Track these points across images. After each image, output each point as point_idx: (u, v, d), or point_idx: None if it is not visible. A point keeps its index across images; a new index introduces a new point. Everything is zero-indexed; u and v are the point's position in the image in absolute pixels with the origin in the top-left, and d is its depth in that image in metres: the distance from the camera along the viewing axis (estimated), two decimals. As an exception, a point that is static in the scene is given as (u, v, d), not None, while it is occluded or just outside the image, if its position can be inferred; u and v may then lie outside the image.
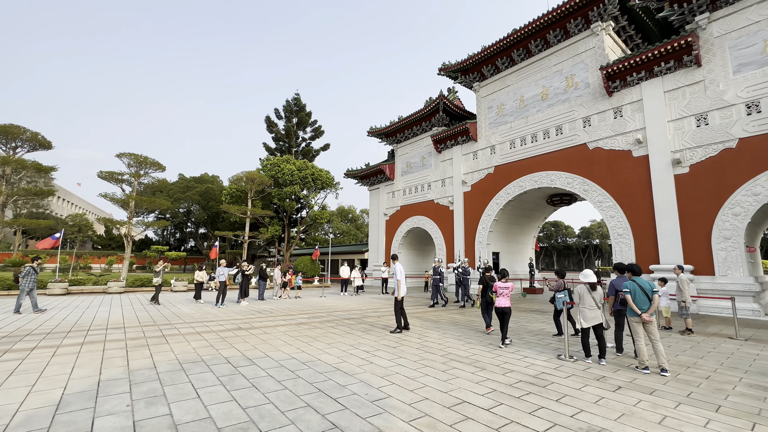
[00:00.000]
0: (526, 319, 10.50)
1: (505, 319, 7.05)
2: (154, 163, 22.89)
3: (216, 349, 6.34)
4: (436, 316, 11.10)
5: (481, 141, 22.10)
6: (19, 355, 5.78)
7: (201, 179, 42.74)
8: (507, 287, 7.16)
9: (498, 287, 7.16)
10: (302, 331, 8.25)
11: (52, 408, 3.74)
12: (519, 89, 20.44)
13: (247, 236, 26.55)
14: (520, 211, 22.09)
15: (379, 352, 6.36)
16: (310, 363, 5.61)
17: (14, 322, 8.97)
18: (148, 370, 5.08)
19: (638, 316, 5.46)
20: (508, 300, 7.11)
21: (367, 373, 5.16)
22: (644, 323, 5.53)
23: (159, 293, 13.70)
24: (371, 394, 4.33)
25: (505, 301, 7.10)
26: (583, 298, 5.79)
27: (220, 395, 4.18)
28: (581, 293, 5.81)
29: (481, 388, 4.59)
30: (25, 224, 19.14)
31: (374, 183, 30.93)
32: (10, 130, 18.64)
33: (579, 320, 5.85)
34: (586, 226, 72.12)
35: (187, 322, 9.21)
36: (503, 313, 7.05)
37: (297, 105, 37.77)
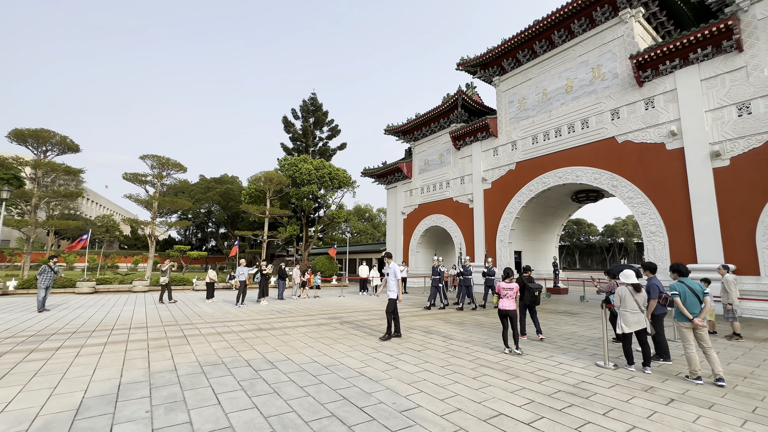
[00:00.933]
0: (555, 321, 10.00)
1: (512, 323, 6.46)
2: (175, 164, 23.31)
3: (237, 351, 6.21)
4: (459, 317, 10.73)
5: (502, 137, 21.48)
6: (44, 354, 5.79)
7: (221, 180, 43.52)
8: (511, 288, 6.54)
9: (501, 288, 6.56)
10: (323, 332, 8.05)
11: (71, 413, 3.63)
12: (541, 82, 19.72)
13: (266, 236, 26.74)
14: (544, 209, 21.35)
15: (403, 356, 6.08)
16: (332, 367, 5.38)
17: (43, 320, 9.15)
18: (168, 373, 4.96)
19: (690, 321, 4.98)
20: (512, 302, 6.46)
21: (393, 379, 4.89)
22: (695, 329, 5.04)
23: (171, 291, 13.88)
24: (399, 403, 4.05)
25: (509, 303, 6.45)
26: (624, 300, 5.33)
27: (241, 402, 3.99)
28: (623, 295, 5.35)
29: (517, 399, 4.24)
30: (57, 225, 19.81)
31: (391, 182, 30.64)
32: (41, 134, 19.29)
33: (620, 324, 5.39)
34: (610, 224, 69.65)
35: (208, 322, 9.18)
36: (506, 316, 6.45)
37: (313, 105, 37.87)
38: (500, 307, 6.48)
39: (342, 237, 51.82)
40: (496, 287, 6.60)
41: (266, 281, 14.67)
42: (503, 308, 6.45)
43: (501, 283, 6.61)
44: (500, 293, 6.54)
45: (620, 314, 5.38)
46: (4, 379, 4.59)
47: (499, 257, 20.82)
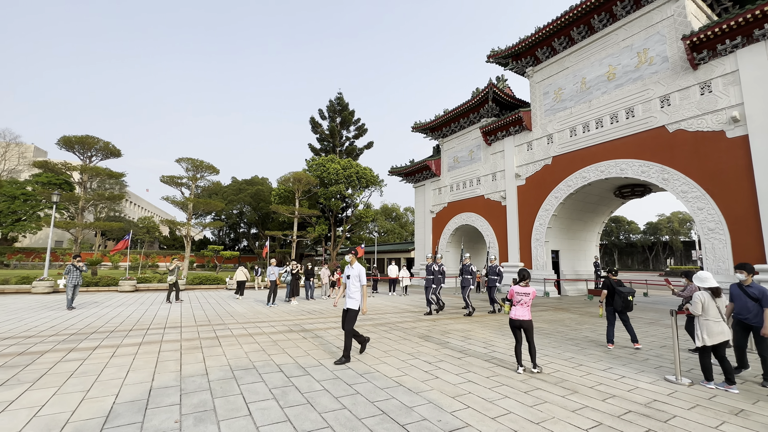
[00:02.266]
0: (605, 328, 9.14)
1: (528, 336, 5.31)
2: (209, 166, 23.95)
3: (268, 355, 5.99)
4: (497, 321, 10.10)
5: (536, 130, 20.42)
6: (82, 354, 5.82)
7: (252, 181, 44.62)
8: (527, 293, 5.32)
9: (514, 293, 5.37)
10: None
11: (100, 420, 3.48)
12: (580, 71, 18.53)
13: (296, 236, 26.98)
14: (583, 205, 20.09)
15: (442, 364, 5.63)
16: (367, 375, 5.02)
17: (85, 318, 9.43)
18: (199, 377, 4.79)
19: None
20: (527, 310, 5.30)
21: (435, 390, 4.46)
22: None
23: (179, 291, 13.78)
24: (445, 420, 3.62)
25: (523, 311, 5.28)
26: (707, 308, 4.58)
27: (273, 413, 3.71)
28: (705, 302, 4.60)
29: (581, 420, 3.69)
30: (101, 226, 20.90)
31: (419, 180, 30.09)
32: (86, 141, 20.35)
33: (700, 336, 4.66)
34: (653, 221, 65.27)
35: (239, 322, 9.12)
36: (520, 327, 5.32)
37: (340, 104, 37.95)
38: (513, 317, 5.35)
39: (369, 237, 51.78)
40: (509, 291, 5.43)
41: (297, 281, 14.61)
42: (516, 318, 5.31)
43: (515, 287, 5.42)
44: (512, 299, 5.41)
45: (701, 324, 4.64)
46: (41, 380, 4.57)
47: (535, 257, 19.81)
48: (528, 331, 5.29)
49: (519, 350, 5.35)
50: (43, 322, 8.79)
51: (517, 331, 5.38)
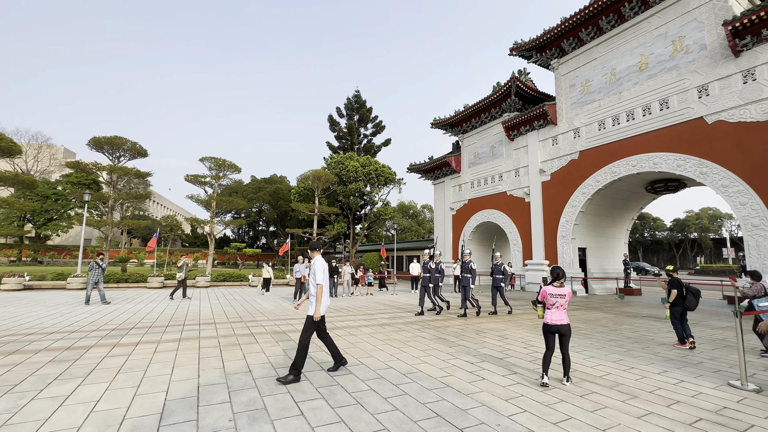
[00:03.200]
0: (646, 328, 8.77)
1: (563, 343, 4.64)
2: (231, 165, 24.29)
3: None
4: (531, 320, 9.82)
5: (562, 124, 19.83)
6: (125, 350, 5.91)
7: (270, 180, 45.16)
8: (563, 294, 4.65)
9: (548, 295, 4.70)
10: (388, 333, 7.63)
11: (156, 417, 3.47)
12: (609, 61, 17.86)
13: (315, 233, 27.12)
14: (612, 201, 19.42)
15: (485, 365, 5.45)
16: (411, 375, 4.90)
17: (122, 314, 9.66)
18: (243, 375, 4.77)
19: None
20: (564, 313, 4.66)
21: (485, 392, 4.30)
22: None
23: (186, 288, 13.85)
24: (505, 425, 3.46)
25: (560, 315, 4.63)
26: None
27: (325, 414, 3.63)
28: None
29: (650, 427, 3.46)
30: (129, 224, 21.51)
31: (439, 177, 29.76)
32: (115, 141, 20.93)
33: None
34: (681, 218, 62.79)
35: (270, 319, 9.16)
36: (556, 333, 4.64)
37: (357, 102, 37.90)
38: (548, 322, 4.66)
39: (386, 234, 51.71)
40: (540, 294, 4.82)
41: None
42: (553, 323, 4.62)
43: (548, 287, 4.76)
44: (546, 302, 4.76)
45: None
46: (92, 375, 4.64)
47: (561, 254, 19.28)
48: (565, 337, 4.62)
49: (549, 358, 4.68)
50: (83, 317, 9.04)
51: (551, 337, 4.68)
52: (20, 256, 40.33)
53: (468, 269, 10.63)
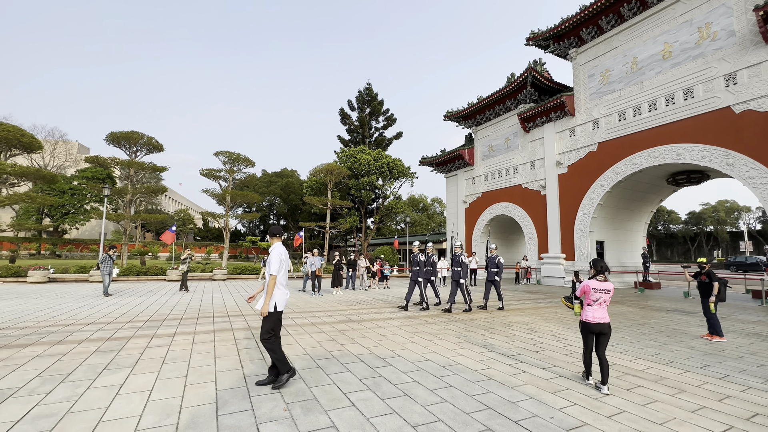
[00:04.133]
0: (675, 322, 8.65)
1: (602, 343, 4.23)
2: (245, 159, 24.41)
3: (340, 344, 5.99)
4: (555, 313, 9.75)
5: (580, 115, 19.47)
6: (164, 341, 6.02)
7: (281, 174, 45.34)
8: (607, 290, 4.25)
9: (590, 289, 4.27)
10: (416, 326, 7.65)
11: (212, 406, 3.53)
12: (630, 50, 17.42)
13: (328, 227, 27.23)
14: (631, 194, 19.10)
15: (522, 357, 5.43)
16: (450, 367, 4.91)
17: (151, 306, 9.84)
18: (285, 366, 4.82)
19: None
20: (605, 311, 4.29)
21: (529, 385, 4.28)
22: None
23: (186, 280, 14.02)
24: (559, 418, 3.44)
25: (602, 313, 4.25)
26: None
27: (375, 405, 3.65)
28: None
29: (707, 422, 3.42)
30: (147, 218, 21.84)
31: (451, 170, 29.55)
32: (132, 136, 21.15)
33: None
34: (696, 211, 61.55)
35: (296, 312, 9.25)
36: (598, 332, 4.25)
37: (369, 95, 37.67)
38: (589, 320, 4.25)
39: (396, 228, 51.70)
40: (581, 288, 4.40)
41: (338, 271, 14.71)
42: (595, 321, 4.22)
43: (590, 282, 4.32)
44: (586, 298, 4.35)
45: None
46: (139, 366, 4.73)
47: (578, 248, 19.08)
48: (605, 337, 4.22)
49: (590, 358, 4.37)
50: (114, 309, 9.22)
51: (591, 336, 4.29)
52: (39, 250, 41.26)
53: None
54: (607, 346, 4.37)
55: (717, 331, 6.73)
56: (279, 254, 4.19)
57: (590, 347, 4.34)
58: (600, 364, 4.19)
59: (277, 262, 4.15)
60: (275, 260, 4.15)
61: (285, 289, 4.27)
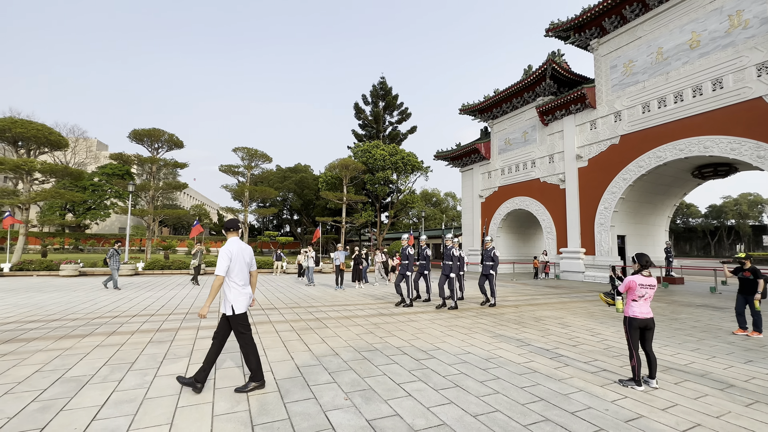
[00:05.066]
0: (707, 318, 8.58)
1: (648, 338, 4.22)
2: (262, 155, 24.72)
3: (379, 337, 6.15)
4: (583, 307, 9.75)
5: (602, 107, 19.14)
6: (210, 333, 6.26)
7: (295, 169, 45.71)
8: (652, 285, 4.22)
9: (635, 285, 4.18)
10: (448, 320, 7.76)
11: (276, 395, 3.71)
12: (655, 40, 17.00)
13: (344, 221, 27.44)
14: (654, 187, 18.77)
15: (561, 351, 5.50)
16: (493, 360, 5.01)
17: (185, 299, 10.17)
18: (332, 357, 4.99)
19: None
20: (649, 306, 4.26)
21: (575, 378, 4.36)
22: None
23: (198, 274, 14.65)
24: (613, 410, 3.52)
25: (646, 308, 4.21)
26: None
27: (431, 395, 3.78)
28: None
29: (764, 416, 3.45)
30: (169, 213, 22.41)
31: (467, 164, 29.39)
32: (154, 134, 21.60)
33: None
34: (717, 204, 59.99)
35: (326, 305, 9.45)
36: (645, 328, 4.21)
37: (383, 89, 37.56)
38: (637, 315, 4.17)
39: (409, 222, 51.75)
40: (626, 283, 4.24)
41: (359, 266, 14.89)
42: (643, 316, 4.16)
43: (635, 277, 4.22)
44: (630, 294, 4.25)
45: None
46: (195, 355, 4.96)
47: (599, 242, 18.87)
48: (651, 331, 4.21)
49: (640, 360, 4.19)
50: (152, 301, 9.58)
51: (638, 332, 4.20)
52: (63, 244, 42.59)
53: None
54: (652, 341, 4.32)
55: (759, 327, 6.66)
56: (229, 251, 3.74)
57: (638, 345, 4.21)
58: (648, 359, 4.20)
59: (226, 261, 3.71)
60: (223, 258, 3.70)
61: (243, 289, 3.85)
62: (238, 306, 3.78)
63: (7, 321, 6.88)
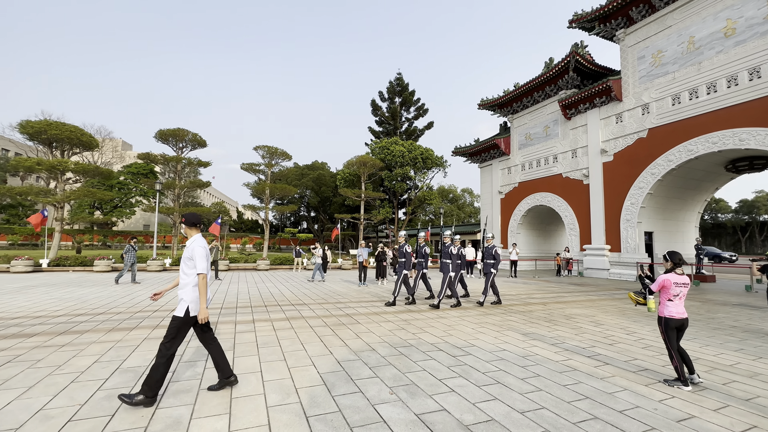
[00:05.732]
0: (746, 317, 8.30)
1: (680, 336, 4.19)
2: (282, 153, 25.07)
3: (412, 333, 6.22)
4: (612, 305, 9.57)
5: (628, 100, 18.58)
6: (247, 327, 6.47)
7: (312, 166, 46.18)
8: (686, 283, 4.15)
9: (670, 284, 4.10)
10: (476, 317, 7.76)
11: (323, 388, 3.82)
12: (686, 28, 16.35)
13: (362, 218, 27.61)
14: (684, 182, 18.14)
15: (598, 350, 5.44)
16: (530, 358, 5.01)
17: (216, 294, 10.48)
18: (370, 352, 5.09)
19: None
20: (683, 305, 4.19)
21: (617, 377, 4.32)
22: None
23: (217, 270, 15.11)
24: (662, 410, 3.48)
25: (681, 307, 4.14)
26: None
27: (474, 391, 3.82)
28: None
29: (823, 418, 3.35)
30: (198, 211, 23.00)
31: (486, 159, 29.05)
32: (179, 133, 22.21)
33: None
34: (748, 199, 57.42)
35: (354, 301, 9.58)
36: (681, 328, 4.16)
37: (399, 85, 37.43)
38: (675, 315, 4.10)
39: (426, 219, 51.61)
40: (659, 282, 4.15)
41: (381, 263, 14.99)
42: (680, 316, 4.10)
43: (670, 275, 4.14)
44: (665, 292, 4.17)
45: None
46: (239, 349, 5.14)
47: (625, 239, 18.40)
48: (683, 331, 4.18)
49: (681, 359, 4.14)
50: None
51: (674, 333, 4.14)
52: (92, 241, 44.34)
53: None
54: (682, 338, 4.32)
55: None
56: (205, 248, 3.53)
57: (676, 345, 4.13)
58: (683, 355, 4.15)
59: (206, 258, 3.48)
60: (202, 257, 3.44)
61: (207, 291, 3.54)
62: (194, 308, 3.47)
63: (58, 314, 7.28)
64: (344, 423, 3.10)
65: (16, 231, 41.77)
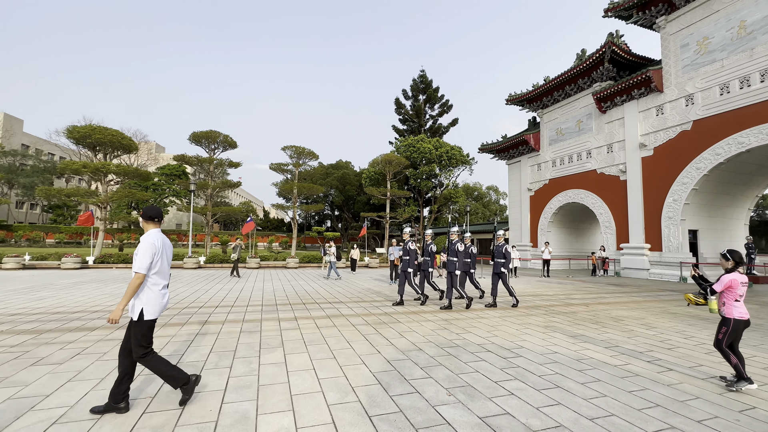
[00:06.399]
0: (815, 321, 7.67)
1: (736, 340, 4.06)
2: (309, 152, 25.41)
3: (455, 333, 6.13)
4: (659, 307, 9.10)
5: (670, 91, 17.62)
6: (291, 324, 6.58)
7: (337, 166, 46.64)
8: (747, 283, 4.02)
9: (737, 284, 3.92)
10: (517, 318, 7.58)
11: (377, 387, 3.81)
12: (736, 12, 15.32)
13: (388, 216, 27.61)
14: (733, 177, 17.04)
15: (656, 354, 5.17)
16: (585, 361, 4.81)
17: (254, 292, 10.76)
18: (417, 352, 5.05)
19: None
20: (743, 305, 4.01)
21: (685, 384, 4.08)
22: None
23: (238, 269, 15.34)
24: (745, 421, 3.25)
25: (743, 309, 3.97)
26: None
27: (533, 395, 3.71)
28: None
29: None
30: (226, 210, 23.80)
31: (514, 156, 28.37)
32: (211, 135, 22.95)
33: None
34: (800, 194, 53.16)
35: (389, 300, 9.58)
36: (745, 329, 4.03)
37: (423, 82, 37.13)
38: (744, 316, 3.95)
39: (449, 217, 51.05)
40: (726, 282, 3.94)
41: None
42: (747, 317, 3.98)
43: (736, 275, 3.94)
44: (731, 293, 3.97)
45: None
46: (287, 346, 5.23)
47: (666, 237, 17.50)
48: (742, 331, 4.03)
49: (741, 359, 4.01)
50: (225, 293, 10.23)
51: (740, 334, 4.01)
52: (130, 239, 46.59)
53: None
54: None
55: None
56: (153, 245, 3.13)
57: (734, 347, 4.02)
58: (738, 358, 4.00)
59: (149, 256, 3.09)
60: (147, 253, 3.08)
61: (162, 291, 3.25)
62: (149, 310, 3.13)
63: (112, 309, 7.66)
64: (408, 424, 3.07)
65: (62, 230, 44.49)
